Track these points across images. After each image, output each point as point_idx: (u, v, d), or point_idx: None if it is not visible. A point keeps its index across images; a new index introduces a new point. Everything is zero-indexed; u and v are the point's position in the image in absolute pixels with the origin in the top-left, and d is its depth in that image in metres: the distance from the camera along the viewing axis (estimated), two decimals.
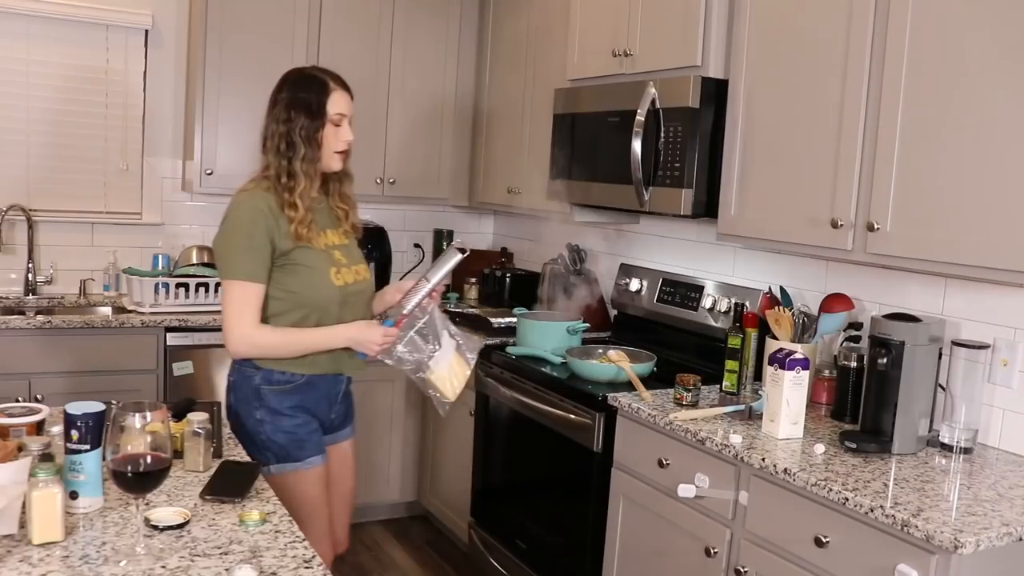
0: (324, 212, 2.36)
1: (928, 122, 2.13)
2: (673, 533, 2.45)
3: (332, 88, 2.28)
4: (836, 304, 2.63)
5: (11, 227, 3.77)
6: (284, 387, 2.27)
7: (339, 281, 2.29)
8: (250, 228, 2.22)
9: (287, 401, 2.27)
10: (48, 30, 3.77)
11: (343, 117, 2.28)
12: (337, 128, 2.27)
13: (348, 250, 2.39)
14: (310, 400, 2.31)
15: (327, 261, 2.28)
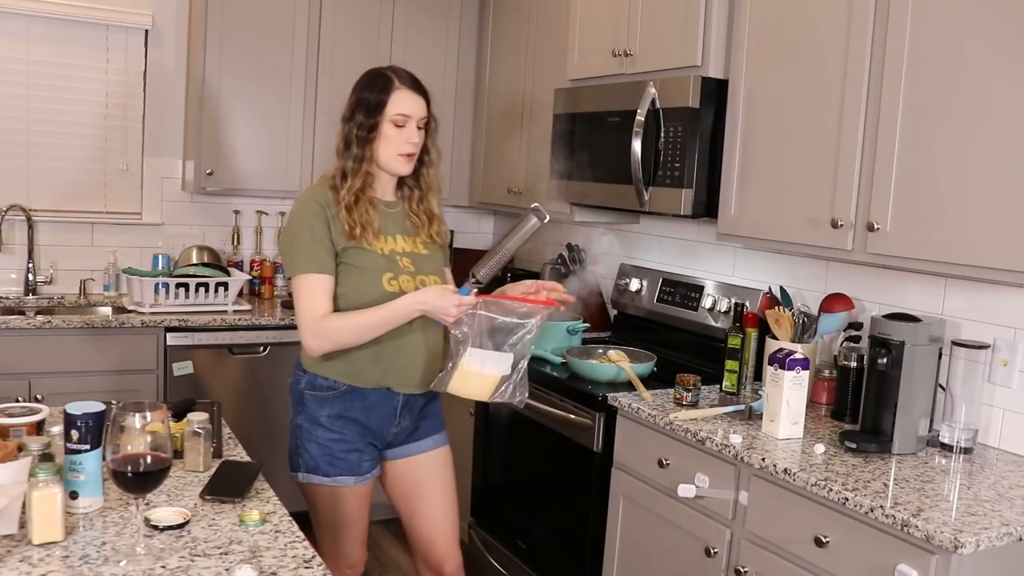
0: (396, 217, 2.28)
1: (928, 122, 2.13)
2: (673, 533, 2.45)
3: (396, 87, 2.20)
4: (836, 304, 2.63)
5: (11, 227, 3.77)
6: (325, 394, 2.21)
7: (392, 287, 2.18)
8: (311, 221, 2.17)
9: (326, 409, 2.21)
10: (48, 30, 3.77)
11: (406, 118, 2.19)
12: (399, 129, 2.19)
13: (421, 260, 2.28)
14: (356, 410, 2.21)
15: (383, 265, 2.19)
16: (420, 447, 2.36)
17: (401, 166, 2.22)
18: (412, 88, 2.22)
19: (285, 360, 3.75)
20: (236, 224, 4.21)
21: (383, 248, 2.21)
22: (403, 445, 2.34)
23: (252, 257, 4.22)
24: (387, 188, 2.30)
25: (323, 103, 4.00)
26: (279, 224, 4.29)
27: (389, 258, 2.21)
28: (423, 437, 2.36)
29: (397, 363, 2.21)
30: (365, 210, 2.18)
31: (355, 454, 2.21)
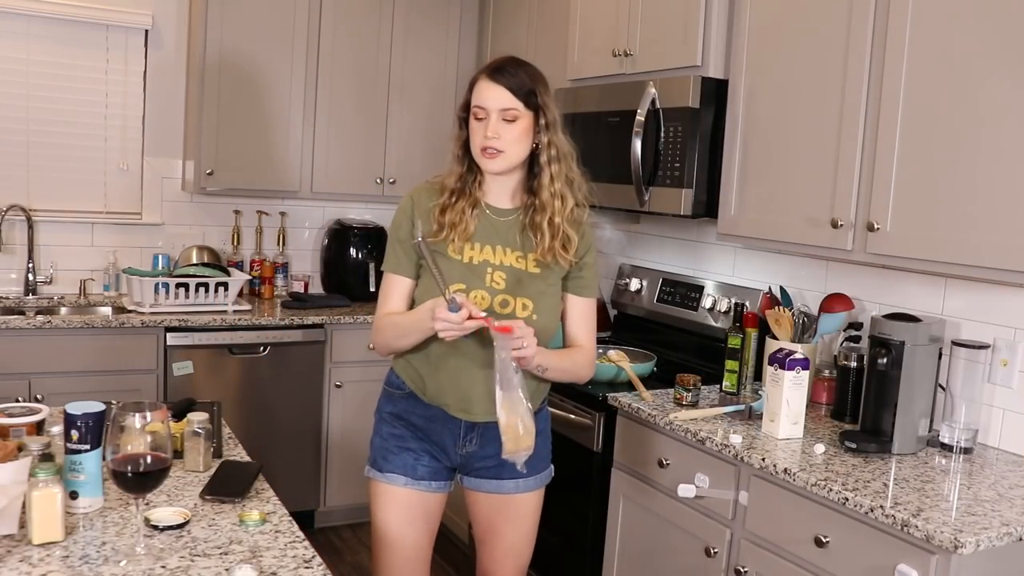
0: (504, 226, 2.04)
1: (928, 122, 2.13)
2: (673, 533, 2.45)
3: (479, 78, 1.99)
4: (836, 304, 2.63)
5: (11, 227, 3.77)
6: (393, 391, 2.12)
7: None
8: (399, 218, 2.08)
9: (389, 406, 2.12)
10: (48, 30, 3.77)
11: (484, 111, 1.95)
12: (479, 123, 1.97)
13: (524, 278, 2.01)
14: (417, 416, 2.07)
15: (457, 274, 1.98)
16: (500, 487, 2.12)
17: (485, 163, 1.98)
18: (491, 77, 1.96)
19: (285, 360, 3.76)
20: (236, 224, 4.21)
21: (470, 256, 2.01)
22: (480, 478, 2.12)
23: (252, 257, 4.22)
24: (502, 192, 2.05)
25: (323, 103, 4.00)
26: (279, 224, 4.29)
27: (471, 268, 2.00)
28: (506, 477, 2.10)
29: (455, 384, 2.02)
30: (461, 212, 2.00)
31: (410, 454, 2.08)
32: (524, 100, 1.95)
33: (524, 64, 2.00)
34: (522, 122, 1.95)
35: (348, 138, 4.08)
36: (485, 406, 2.00)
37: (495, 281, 2.00)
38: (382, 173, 4.17)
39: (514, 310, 1.99)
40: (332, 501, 3.94)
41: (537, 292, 2.02)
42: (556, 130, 1.99)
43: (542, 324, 2.00)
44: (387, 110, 4.14)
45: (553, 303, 2.05)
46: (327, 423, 3.88)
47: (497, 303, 1.99)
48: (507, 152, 1.95)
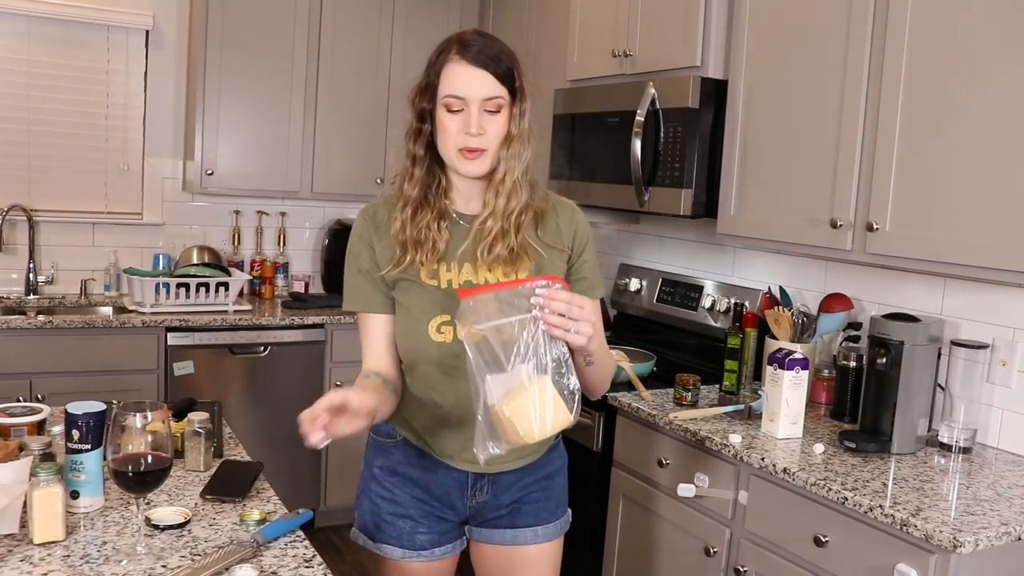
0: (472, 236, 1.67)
1: (927, 122, 2.14)
2: (673, 532, 2.45)
3: (450, 59, 1.62)
4: (835, 304, 2.63)
5: (12, 227, 3.78)
6: (383, 440, 1.79)
7: (441, 336, 1.64)
8: (357, 246, 1.71)
9: (380, 459, 1.79)
10: (49, 30, 3.77)
11: (461, 101, 1.60)
12: (454, 115, 1.61)
13: None
14: (415, 468, 1.75)
15: (432, 304, 1.65)
16: (515, 538, 1.80)
17: (465, 165, 1.63)
18: (466, 57, 1.60)
19: (285, 360, 3.76)
20: (236, 224, 4.22)
21: (447, 279, 1.66)
22: (492, 528, 1.81)
23: (253, 257, 4.23)
24: (472, 196, 1.70)
25: (323, 103, 4.01)
26: (279, 224, 4.30)
27: (449, 295, 1.63)
28: (521, 525, 1.80)
29: (456, 433, 1.69)
30: (425, 227, 1.64)
31: (406, 522, 1.76)
32: (508, 85, 1.62)
33: (495, 38, 1.67)
34: (506, 112, 1.62)
35: (348, 138, 4.09)
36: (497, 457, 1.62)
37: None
38: (382, 173, 4.17)
39: None
40: (332, 501, 3.94)
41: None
42: (527, 119, 1.65)
43: None
44: (387, 110, 4.15)
45: None
46: None
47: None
48: (490, 150, 1.62)
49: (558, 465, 1.85)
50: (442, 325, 1.64)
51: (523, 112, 1.64)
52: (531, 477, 1.78)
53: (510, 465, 1.74)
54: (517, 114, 1.64)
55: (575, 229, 1.74)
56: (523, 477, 1.77)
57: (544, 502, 1.81)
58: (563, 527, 1.87)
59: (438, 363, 1.65)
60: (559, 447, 1.87)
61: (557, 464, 1.84)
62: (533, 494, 1.80)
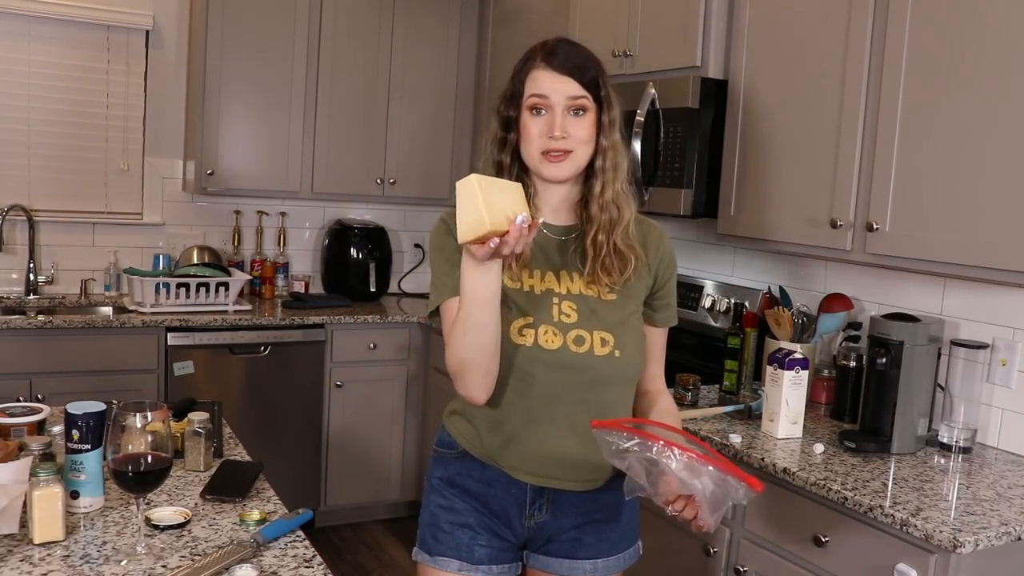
0: (559, 247, 1.67)
1: (927, 122, 2.14)
2: (673, 532, 2.45)
3: (535, 64, 1.62)
4: (835, 304, 2.63)
5: (12, 227, 3.78)
6: (444, 452, 1.76)
7: (523, 339, 1.60)
8: (442, 240, 1.66)
9: (440, 470, 1.75)
10: (49, 30, 3.77)
11: (543, 101, 1.59)
12: (536, 119, 1.60)
13: (597, 308, 1.63)
14: (473, 481, 1.70)
15: (516, 307, 1.62)
16: (573, 569, 1.72)
17: (549, 169, 1.60)
18: (550, 62, 1.60)
19: (286, 360, 3.77)
20: (237, 224, 4.22)
21: (530, 285, 1.64)
22: (549, 556, 1.73)
23: (253, 257, 4.23)
24: (561, 205, 1.69)
25: (323, 103, 4.01)
26: (279, 224, 4.30)
27: (534, 299, 1.63)
28: (581, 557, 1.71)
29: (522, 441, 1.64)
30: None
31: (465, 532, 1.69)
32: (591, 89, 1.62)
33: (581, 46, 1.68)
34: (591, 116, 1.62)
35: (348, 138, 4.09)
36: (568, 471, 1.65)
37: (564, 313, 1.63)
38: (382, 173, 4.17)
39: (591, 347, 1.61)
40: (332, 501, 3.94)
41: (617, 322, 1.64)
42: (617, 130, 1.66)
43: (626, 362, 1.64)
44: (387, 110, 4.15)
45: (637, 335, 1.68)
46: (327, 423, 3.88)
47: (571, 340, 1.61)
48: (576, 153, 1.60)
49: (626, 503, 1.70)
50: (524, 328, 1.61)
51: (612, 121, 1.64)
52: (595, 503, 1.70)
53: (574, 485, 1.66)
54: (607, 123, 1.64)
55: (662, 254, 1.72)
56: (587, 502, 1.69)
57: (608, 533, 1.71)
58: (627, 561, 1.77)
59: (516, 366, 1.60)
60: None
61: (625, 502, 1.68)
62: (597, 523, 1.71)
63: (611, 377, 1.64)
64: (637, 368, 1.69)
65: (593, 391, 1.63)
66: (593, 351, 1.61)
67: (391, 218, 4.52)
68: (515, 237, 1.38)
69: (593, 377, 1.62)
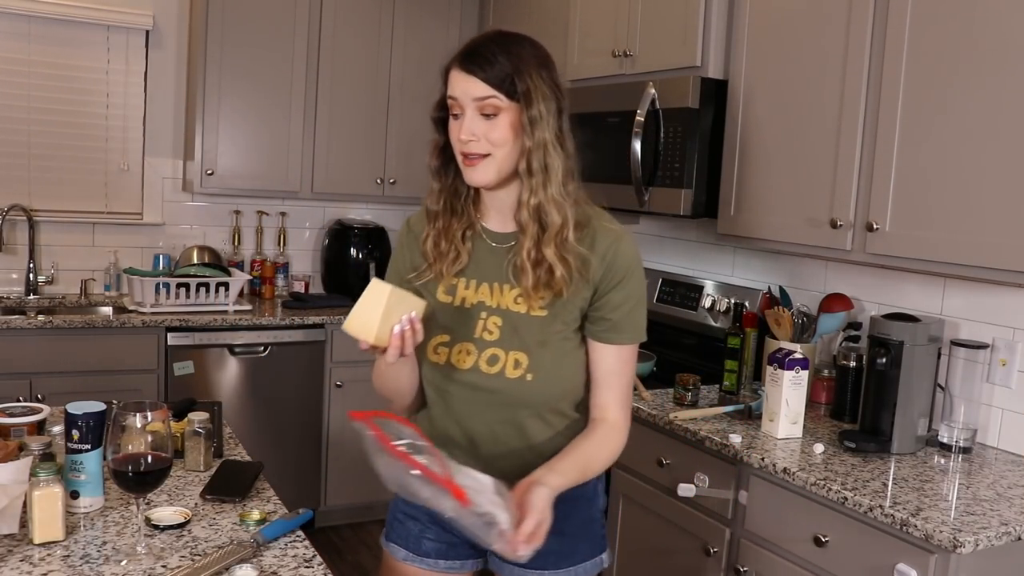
0: (497, 256, 1.59)
1: (927, 122, 2.14)
2: (672, 532, 2.45)
3: (450, 65, 1.53)
4: (835, 304, 2.63)
5: (12, 227, 3.78)
6: None
7: (437, 357, 1.59)
8: (398, 249, 1.70)
9: None
10: (49, 30, 3.77)
11: (456, 103, 1.52)
12: (454, 122, 1.53)
13: (521, 325, 1.55)
14: None
15: (440, 321, 1.59)
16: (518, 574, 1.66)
17: (466, 173, 1.54)
18: (462, 63, 1.51)
19: (285, 360, 3.77)
20: (236, 224, 4.22)
21: (463, 297, 1.58)
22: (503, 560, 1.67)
23: (253, 257, 4.23)
24: (502, 212, 1.60)
25: (323, 103, 4.01)
26: (279, 224, 4.30)
27: (462, 314, 1.58)
28: (532, 567, 1.62)
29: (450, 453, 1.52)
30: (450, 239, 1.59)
31: (414, 524, 1.70)
32: (504, 88, 1.49)
33: (511, 40, 1.55)
34: (507, 116, 1.49)
35: (348, 138, 4.09)
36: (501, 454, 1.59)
37: (488, 330, 1.56)
38: (382, 173, 4.17)
39: (503, 368, 1.54)
40: (332, 500, 3.94)
41: (537, 343, 1.54)
42: (545, 128, 1.51)
43: (537, 387, 1.54)
44: (387, 110, 4.15)
45: (558, 357, 1.56)
46: (327, 423, 3.89)
47: (485, 359, 1.55)
48: (495, 156, 1.50)
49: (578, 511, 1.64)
50: (439, 346, 1.58)
51: (535, 120, 1.49)
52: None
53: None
54: (526, 122, 1.49)
55: (608, 263, 1.54)
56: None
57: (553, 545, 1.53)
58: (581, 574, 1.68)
59: (433, 384, 1.62)
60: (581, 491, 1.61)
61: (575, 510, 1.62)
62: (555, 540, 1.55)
63: (522, 401, 1.55)
64: (554, 394, 1.57)
65: (508, 412, 1.56)
66: (504, 373, 1.54)
67: (391, 218, 4.52)
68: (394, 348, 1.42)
69: (504, 400, 1.55)
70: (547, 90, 1.53)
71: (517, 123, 1.51)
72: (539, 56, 1.56)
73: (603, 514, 1.74)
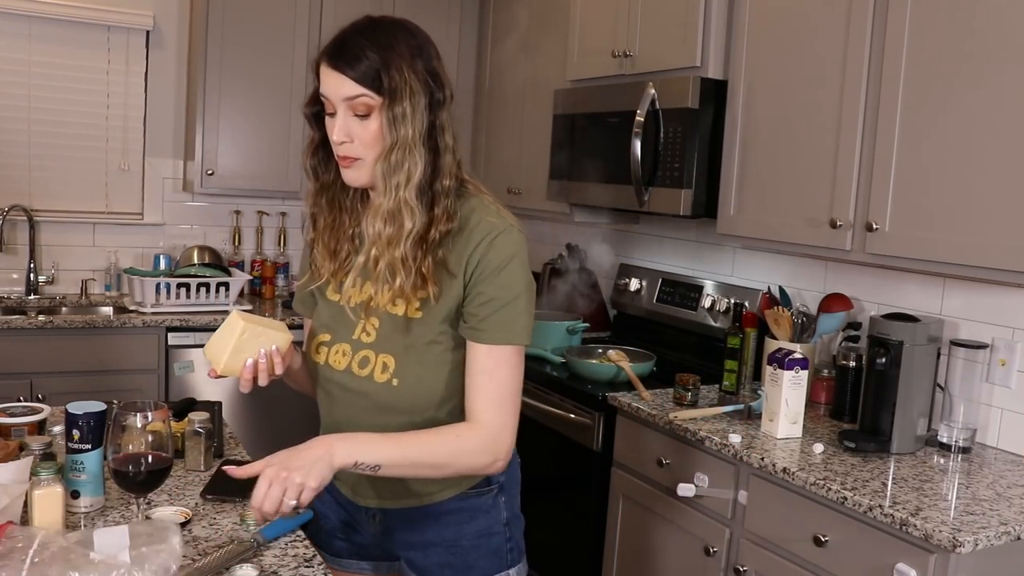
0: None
1: (927, 122, 2.14)
2: (672, 532, 2.45)
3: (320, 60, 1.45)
4: (835, 304, 2.63)
5: (13, 227, 3.78)
6: None
7: (318, 356, 1.60)
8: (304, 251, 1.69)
9: None
10: (49, 31, 3.78)
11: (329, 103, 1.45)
12: (329, 120, 1.47)
13: (392, 326, 1.51)
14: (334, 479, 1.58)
15: (322, 321, 1.60)
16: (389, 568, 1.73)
17: (343, 174, 1.48)
18: (329, 58, 1.43)
19: None
20: (237, 224, 4.22)
21: (349, 296, 1.54)
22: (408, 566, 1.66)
23: (253, 257, 4.23)
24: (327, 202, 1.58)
25: None
26: (280, 224, 4.30)
27: (343, 313, 1.54)
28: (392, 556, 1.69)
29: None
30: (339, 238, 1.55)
31: (326, 521, 1.72)
32: (375, 85, 1.40)
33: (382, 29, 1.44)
34: (377, 115, 1.41)
35: None
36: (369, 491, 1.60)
37: (366, 331, 1.53)
38: None
39: (373, 371, 1.51)
40: None
41: (404, 346, 1.49)
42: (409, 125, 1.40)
43: (404, 392, 1.50)
44: None
45: (423, 362, 1.50)
46: None
47: (357, 361, 1.53)
48: (365, 159, 1.44)
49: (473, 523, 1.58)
50: (320, 345, 1.58)
51: (397, 116, 1.39)
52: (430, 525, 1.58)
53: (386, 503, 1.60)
54: (390, 119, 1.40)
55: (480, 255, 1.45)
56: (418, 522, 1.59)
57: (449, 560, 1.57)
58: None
59: (319, 382, 1.63)
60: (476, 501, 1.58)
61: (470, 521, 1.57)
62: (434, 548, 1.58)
63: (391, 406, 1.51)
64: (422, 400, 1.50)
65: (381, 417, 1.51)
66: (373, 376, 1.51)
67: None
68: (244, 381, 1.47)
69: (375, 403, 1.52)
70: (417, 83, 1.41)
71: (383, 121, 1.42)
72: (413, 45, 1.43)
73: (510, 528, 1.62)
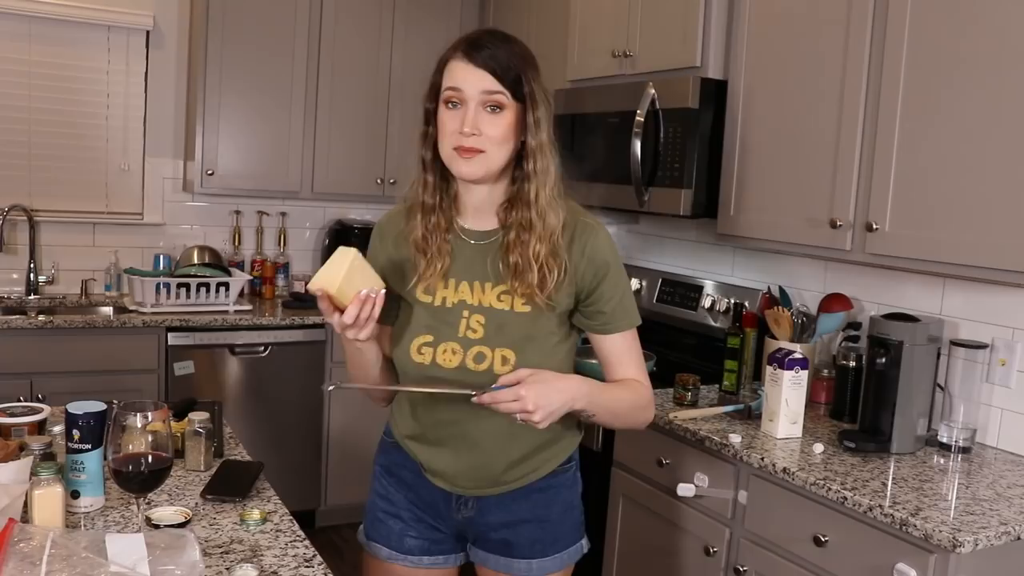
0: (477, 254, 1.61)
1: (927, 122, 2.14)
2: (672, 532, 2.45)
3: (451, 56, 1.54)
4: (835, 304, 2.63)
5: (13, 227, 3.78)
6: (385, 439, 1.79)
7: (421, 357, 1.59)
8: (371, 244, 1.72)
9: (381, 457, 1.79)
10: (49, 31, 3.78)
11: (458, 94, 1.52)
12: (452, 112, 1.53)
13: (501, 322, 1.56)
14: (406, 471, 1.72)
15: (423, 322, 1.60)
16: (509, 566, 1.70)
17: (459, 165, 1.53)
18: (468, 54, 1.51)
19: (286, 360, 3.77)
20: (237, 224, 4.22)
21: (443, 297, 1.59)
22: (487, 552, 1.71)
23: (253, 257, 4.23)
24: (482, 209, 1.61)
25: (323, 103, 4.01)
26: (280, 224, 4.30)
27: (443, 313, 1.59)
28: (518, 556, 1.69)
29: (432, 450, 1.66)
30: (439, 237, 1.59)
31: (396, 522, 1.73)
32: (511, 86, 1.51)
33: (509, 40, 1.55)
34: (508, 114, 1.51)
35: (348, 138, 4.09)
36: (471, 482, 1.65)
37: (471, 328, 1.57)
38: (383, 173, 4.17)
39: (491, 365, 1.55)
40: (333, 500, 3.94)
41: (523, 338, 1.56)
42: (545, 129, 1.55)
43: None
44: (387, 110, 4.15)
45: (545, 352, 1.58)
46: (328, 423, 3.89)
47: (471, 357, 1.56)
48: (489, 153, 1.51)
49: (559, 498, 1.70)
50: (423, 346, 1.59)
51: (538, 121, 1.53)
52: (523, 504, 1.67)
53: (483, 491, 1.66)
54: (531, 123, 1.52)
55: (588, 258, 1.58)
56: (513, 503, 1.67)
57: (539, 533, 1.68)
58: (565, 561, 1.73)
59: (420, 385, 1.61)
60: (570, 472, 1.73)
61: (557, 497, 1.69)
62: (527, 523, 1.67)
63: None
64: None
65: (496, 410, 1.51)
66: (492, 370, 1.55)
67: None
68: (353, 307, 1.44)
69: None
70: (543, 94, 1.55)
71: (516, 122, 1.53)
72: (533, 60, 1.57)
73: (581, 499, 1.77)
